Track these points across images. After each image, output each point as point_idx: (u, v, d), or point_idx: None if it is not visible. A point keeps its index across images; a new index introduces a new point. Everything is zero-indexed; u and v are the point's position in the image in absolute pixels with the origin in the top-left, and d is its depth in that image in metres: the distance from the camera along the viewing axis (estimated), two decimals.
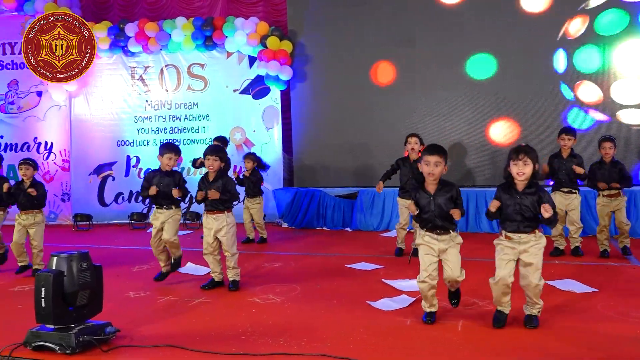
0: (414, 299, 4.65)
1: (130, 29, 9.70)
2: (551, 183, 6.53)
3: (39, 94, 10.26)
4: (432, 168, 4.00)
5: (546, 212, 3.73)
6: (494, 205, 3.90)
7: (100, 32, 9.77)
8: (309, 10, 9.61)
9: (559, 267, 5.79)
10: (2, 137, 10.32)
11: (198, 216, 9.14)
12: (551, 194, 6.26)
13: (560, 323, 4.01)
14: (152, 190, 5.37)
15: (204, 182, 5.23)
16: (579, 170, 6.12)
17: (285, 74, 9.34)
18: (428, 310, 4.14)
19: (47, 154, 10.25)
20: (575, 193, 6.26)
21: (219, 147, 5.51)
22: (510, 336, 3.77)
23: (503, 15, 8.63)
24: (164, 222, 5.40)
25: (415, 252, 6.55)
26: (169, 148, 5.56)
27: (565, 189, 6.24)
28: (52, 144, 10.25)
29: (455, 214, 3.91)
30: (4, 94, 10.35)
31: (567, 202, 6.24)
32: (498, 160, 8.40)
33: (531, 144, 4.05)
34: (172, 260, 5.59)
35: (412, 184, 4.22)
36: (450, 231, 4.05)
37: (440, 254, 4.07)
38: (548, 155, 6.50)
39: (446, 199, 4.00)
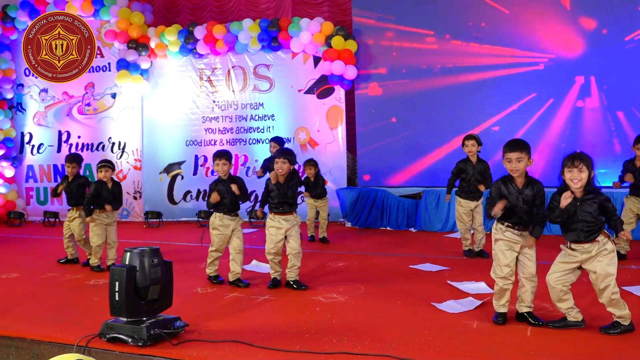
0: (481, 302, 4.55)
1: (199, 32, 9.96)
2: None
3: (113, 95, 10.68)
4: (514, 164, 3.96)
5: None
6: (565, 199, 3.71)
7: (171, 36, 10.06)
8: (374, 9, 9.56)
9: (636, 272, 5.52)
10: (79, 137, 10.83)
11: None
12: (624, 198, 6.23)
13: None
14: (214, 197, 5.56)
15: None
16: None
17: (350, 74, 9.34)
18: (500, 310, 4.07)
19: (120, 153, 10.65)
20: None
21: (288, 150, 5.46)
22: (583, 342, 3.62)
23: None
24: (234, 229, 5.54)
25: (480, 253, 6.46)
26: (218, 155, 5.56)
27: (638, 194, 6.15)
28: (125, 143, 10.64)
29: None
30: (82, 96, 10.84)
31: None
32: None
33: None
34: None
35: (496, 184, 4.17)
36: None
37: (519, 250, 4.04)
38: None
39: (532, 195, 3.97)
